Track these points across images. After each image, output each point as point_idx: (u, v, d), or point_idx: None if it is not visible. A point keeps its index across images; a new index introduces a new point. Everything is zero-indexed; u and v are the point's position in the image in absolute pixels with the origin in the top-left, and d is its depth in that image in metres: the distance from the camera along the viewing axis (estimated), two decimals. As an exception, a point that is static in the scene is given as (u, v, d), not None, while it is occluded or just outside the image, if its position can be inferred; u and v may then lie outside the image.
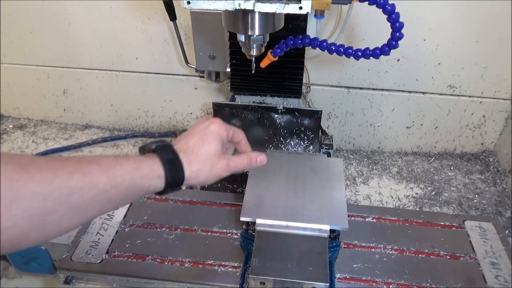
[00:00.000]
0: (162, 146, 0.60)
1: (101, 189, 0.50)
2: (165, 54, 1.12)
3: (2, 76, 1.24)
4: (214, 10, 0.63)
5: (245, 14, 0.67)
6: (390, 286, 0.70)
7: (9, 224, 0.43)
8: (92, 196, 0.49)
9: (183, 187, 0.61)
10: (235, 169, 0.66)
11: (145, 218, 0.82)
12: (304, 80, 1.02)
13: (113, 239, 0.78)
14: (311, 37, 0.79)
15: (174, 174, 0.58)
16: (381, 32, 0.72)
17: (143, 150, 0.61)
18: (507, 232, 0.88)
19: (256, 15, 0.67)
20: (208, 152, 0.62)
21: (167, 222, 0.81)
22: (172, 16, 0.97)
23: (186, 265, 0.73)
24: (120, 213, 0.82)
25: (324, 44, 0.78)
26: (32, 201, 0.44)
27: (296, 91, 0.96)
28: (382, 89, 1.07)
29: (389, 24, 0.68)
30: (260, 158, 0.69)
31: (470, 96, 1.05)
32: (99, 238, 0.77)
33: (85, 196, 0.49)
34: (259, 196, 0.77)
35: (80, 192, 0.48)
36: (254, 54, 0.75)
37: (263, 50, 0.76)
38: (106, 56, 1.15)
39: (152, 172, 0.56)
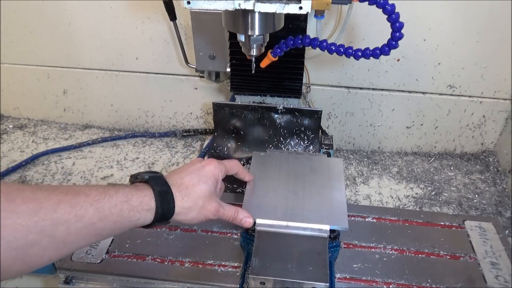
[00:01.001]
0: (155, 178, 0.59)
1: (87, 222, 0.48)
2: (165, 54, 1.12)
3: (2, 76, 1.24)
4: (214, 10, 0.63)
5: (245, 14, 0.67)
6: (390, 286, 0.70)
7: None
8: (78, 229, 0.48)
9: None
10: (222, 217, 0.67)
11: (145, 218, 0.82)
12: (304, 80, 1.02)
13: (113, 239, 0.78)
14: (311, 37, 0.79)
15: (165, 208, 0.57)
16: (381, 32, 0.72)
17: (135, 179, 0.60)
18: (507, 232, 0.88)
19: (256, 15, 0.67)
20: (202, 191, 0.62)
21: (167, 222, 0.81)
22: (172, 16, 0.97)
23: (186, 265, 0.73)
24: (120, 213, 0.82)
25: (324, 44, 0.78)
26: (14, 233, 0.43)
27: (296, 91, 0.96)
28: (382, 89, 1.07)
29: (389, 24, 0.68)
30: (246, 220, 0.70)
31: (470, 96, 1.05)
32: (99, 238, 0.77)
33: (71, 229, 0.47)
34: (259, 196, 0.77)
35: (65, 225, 0.46)
36: (254, 54, 0.75)
37: (263, 50, 0.76)
38: (106, 56, 1.15)
39: (142, 205, 0.55)
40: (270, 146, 0.98)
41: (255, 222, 0.73)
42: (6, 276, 0.44)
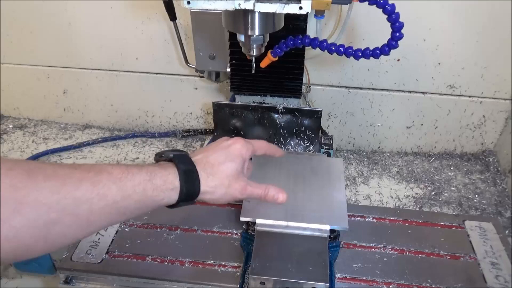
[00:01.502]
0: (180, 156, 0.57)
1: (110, 200, 0.47)
2: (165, 54, 1.12)
3: (2, 76, 1.24)
4: (214, 10, 0.63)
5: (245, 14, 0.67)
6: (390, 286, 0.70)
7: (11, 234, 0.40)
8: (101, 208, 0.47)
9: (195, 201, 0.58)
10: (251, 195, 0.63)
11: (145, 218, 0.82)
12: (304, 80, 1.02)
13: (113, 239, 0.78)
14: (311, 37, 0.79)
15: (190, 187, 0.55)
16: (381, 32, 0.72)
17: (160, 157, 0.58)
18: (507, 232, 0.88)
19: (256, 15, 0.67)
20: (228, 169, 0.60)
21: (167, 222, 0.81)
22: (172, 16, 0.97)
23: (186, 265, 0.73)
24: (120, 213, 0.82)
25: (324, 44, 0.78)
26: (36, 210, 0.41)
27: (296, 91, 0.96)
28: (382, 89, 1.07)
29: (389, 24, 0.68)
30: (279, 195, 0.65)
31: (470, 96, 1.05)
32: (99, 238, 0.77)
33: (93, 208, 0.46)
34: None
35: (88, 203, 0.45)
36: (254, 54, 0.75)
37: (263, 50, 0.76)
38: (106, 56, 1.15)
39: (166, 184, 0.53)
40: (270, 146, 0.98)
41: (255, 223, 0.73)
42: (26, 256, 0.43)
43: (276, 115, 0.97)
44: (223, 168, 0.60)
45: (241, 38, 0.72)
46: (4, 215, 0.39)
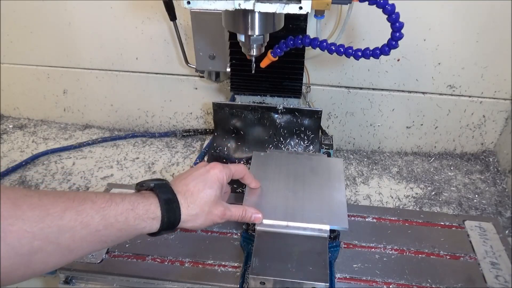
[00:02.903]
0: (161, 185, 0.59)
1: (93, 229, 0.48)
2: (165, 54, 1.12)
3: (2, 76, 1.24)
4: (214, 10, 0.63)
5: (245, 14, 0.67)
6: (390, 286, 0.70)
7: None
8: (83, 236, 0.48)
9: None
10: (230, 218, 0.66)
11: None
12: (304, 80, 1.02)
13: (113, 239, 0.78)
14: (311, 37, 0.79)
15: (171, 216, 0.57)
16: (381, 32, 0.72)
17: (141, 187, 0.60)
18: (507, 232, 0.88)
19: (256, 15, 0.67)
20: (207, 196, 0.62)
21: (167, 222, 0.81)
22: (172, 16, 0.97)
23: (186, 265, 0.73)
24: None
25: (324, 44, 0.78)
26: (20, 239, 0.42)
27: (296, 91, 0.96)
28: (382, 89, 1.07)
29: (389, 24, 0.68)
30: (255, 216, 0.70)
31: (470, 96, 1.05)
32: (99, 238, 0.77)
33: (76, 236, 0.47)
34: (259, 196, 0.77)
35: (71, 232, 0.46)
36: (254, 54, 0.75)
37: (263, 50, 0.76)
38: (106, 56, 1.15)
39: (148, 213, 0.54)
40: (270, 146, 0.98)
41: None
42: (8, 282, 0.44)
43: (276, 115, 0.97)
44: (203, 195, 0.61)
45: (241, 38, 0.72)
46: None
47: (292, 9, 0.61)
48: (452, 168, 1.10)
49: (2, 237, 0.41)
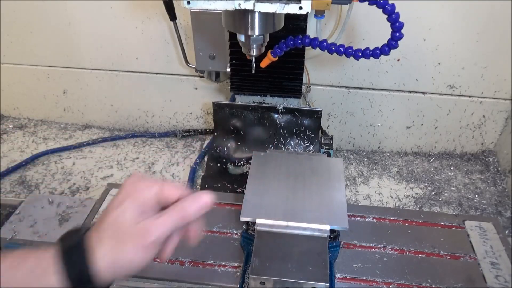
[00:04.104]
0: (72, 231, 0.46)
1: None
2: (165, 54, 1.12)
3: (2, 76, 1.24)
4: (214, 10, 0.63)
5: (245, 14, 0.67)
6: (390, 286, 0.70)
7: None
8: None
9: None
10: (162, 231, 0.46)
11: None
12: (304, 80, 1.02)
13: (113, 239, 0.77)
14: (311, 37, 0.79)
15: (74, 266, 0.42)
16: (381, 32, 0.72)
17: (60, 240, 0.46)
18: (507, 232, 0.88)
19: (256, 15, 0.67)
20: (122, 223, 0.44)
21: (167, 222, 0.81)
22: (172, 16, 0.97)
23: (186, 265, 0.73)
24: (120, 213, 0.82)
25: (324, 44, 0.78)
26: None
27: (296, 91, 0.96)
28: (382, 89, 1.07)
29: (389, 24, 0.68)
30: (203, 199, 0.47)
31: (470, 96, 1.05)
32: (99, 238, 0.77)
33: None
34: (259, 196, 0.77)
35: None
36: (254, 54, 0.75)
37: (263, 50, 0.76)
38: (106, 56, 1.15)
39: (48, 269, 0.42)
40: (270, 146, 0.98)
41: (254, 223, 0.73)
42: None
43: (276, 115, 0.97)
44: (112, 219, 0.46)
45: (241, 38, 0.72)
46: None
47: (292, 9, 0.61)
48: (452, 168, 1.10)
49: None
